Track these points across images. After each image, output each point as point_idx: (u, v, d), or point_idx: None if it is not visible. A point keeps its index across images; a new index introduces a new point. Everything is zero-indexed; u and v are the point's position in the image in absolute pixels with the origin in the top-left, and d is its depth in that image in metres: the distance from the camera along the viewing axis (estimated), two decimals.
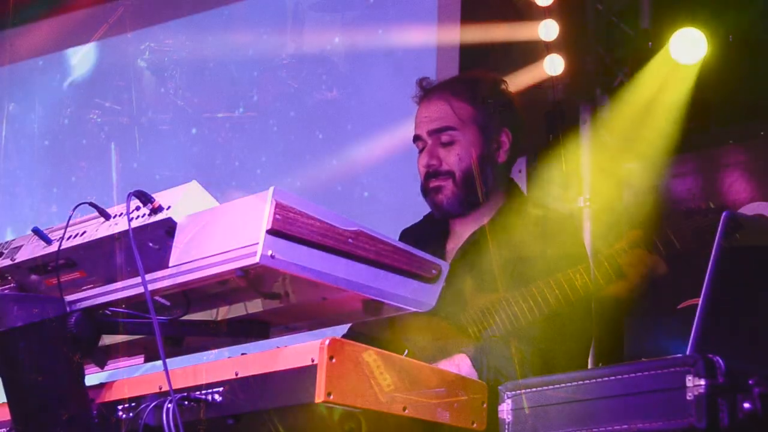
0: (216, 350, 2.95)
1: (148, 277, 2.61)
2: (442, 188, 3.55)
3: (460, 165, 3.53)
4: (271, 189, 2.52)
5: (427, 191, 3.60)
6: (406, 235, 3.71)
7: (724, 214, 2.47)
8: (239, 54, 6.48)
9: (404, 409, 2.54)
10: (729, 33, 5.25)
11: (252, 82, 6.45)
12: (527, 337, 3.23)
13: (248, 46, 6.45)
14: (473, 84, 3.70)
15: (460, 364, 3.16)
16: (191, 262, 2.59)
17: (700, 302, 2.40)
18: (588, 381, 2.46)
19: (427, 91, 3.68)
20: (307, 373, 2.46)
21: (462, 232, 3.58)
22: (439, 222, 3.64)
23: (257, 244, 2.47)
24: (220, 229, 2.58)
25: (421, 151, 3.65)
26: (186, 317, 2.77)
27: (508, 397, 2.58)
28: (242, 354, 2.67)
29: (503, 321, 3.31)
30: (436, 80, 3.80)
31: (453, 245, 3.58)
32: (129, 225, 2.65)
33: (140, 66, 6.84)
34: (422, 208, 3.78)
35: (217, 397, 2.60)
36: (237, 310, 2.81)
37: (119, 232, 2.70)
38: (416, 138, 3.66)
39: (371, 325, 3.42)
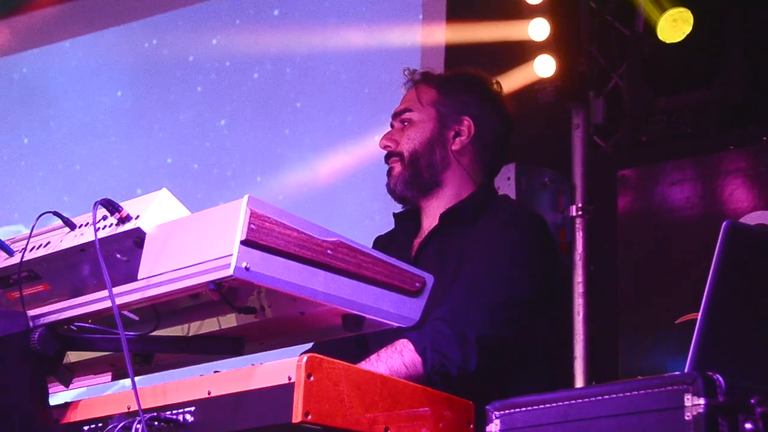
0: (188, 367, 2.87)
1: (115, 290, 2.55)
2: (393, 169, 3.51)
3: (408, 145, 3.49)
4: (246, 197, 2.44)
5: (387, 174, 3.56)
6: (379, 242, 3.61)
7: (724, 223, 2.40)
8: (224, 55, 6.43)
9: (386, 429, 2.48)
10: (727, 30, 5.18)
11: (234, 83, 6.41)
12: (471, 321, 3.13)
13: (231, 47, 6.41)
14: (450, 74, 3.68)
15: (402, 351, 3.06)
16: (161, 274, 2.52)
17: (699, 316, 2.34)
18: (581, 400, 2.38)
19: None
20: (284, 391, 2.40)
21: (426, 227, 3.49)
22: (410, 219, 3.54)
23: (231, 255, 2.40)
24: (192, 240, 2.51)
25: None
26: (156, 333, 2.70)
27: (497, 417, 2.49)
28: (215, 371, 2.61)
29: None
30: None
31: (417, 241, 3.50)
32: (95, 235, 2.58)
33: (114, 69, 6.81)
34: None
35: (188, 417, 2.53)
36: (210, 326, 2.73)
37: (85, 243, 2.64)
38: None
39: None
